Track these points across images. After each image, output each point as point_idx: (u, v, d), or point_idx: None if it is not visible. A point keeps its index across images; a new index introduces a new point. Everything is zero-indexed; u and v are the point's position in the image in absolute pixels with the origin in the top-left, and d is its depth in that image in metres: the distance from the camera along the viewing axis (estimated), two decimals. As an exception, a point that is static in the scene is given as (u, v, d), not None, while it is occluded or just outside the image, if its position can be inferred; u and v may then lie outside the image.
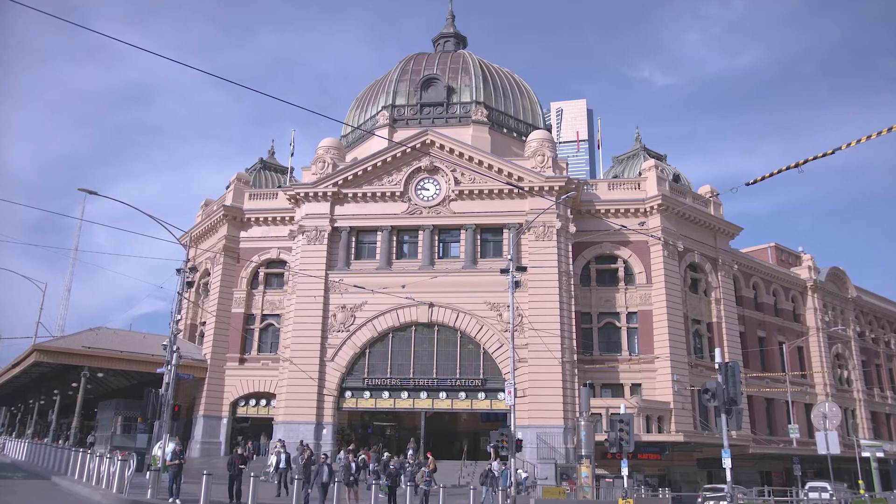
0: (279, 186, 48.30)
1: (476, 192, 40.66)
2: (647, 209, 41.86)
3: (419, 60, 52.38)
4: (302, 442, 34.38)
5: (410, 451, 34.95)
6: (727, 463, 19.95)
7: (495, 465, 29.07)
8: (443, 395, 38.18)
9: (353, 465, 28.02)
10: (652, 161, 44.32)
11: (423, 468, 29.31)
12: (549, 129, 53.48)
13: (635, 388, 39.42)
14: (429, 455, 34.37)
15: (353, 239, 41.69)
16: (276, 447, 31.78)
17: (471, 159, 40.90)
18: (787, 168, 14.86)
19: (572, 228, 39.97)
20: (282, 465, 23.89)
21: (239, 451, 21.97)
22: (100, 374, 41.71)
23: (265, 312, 44.56)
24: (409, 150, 40.78)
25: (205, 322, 46.01)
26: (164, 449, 21.97)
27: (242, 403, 42.96)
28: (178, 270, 28.46)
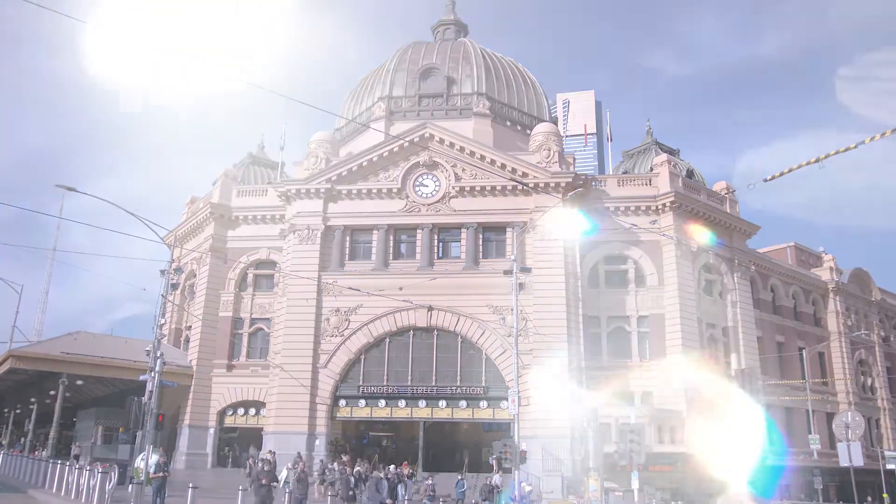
0: (269, 183, 48.27)
1: (478, 188, 40.68)
2: (659, 206, 41.83)
3: (417, 49, 52.40)
4: (299, 454, 34.28)
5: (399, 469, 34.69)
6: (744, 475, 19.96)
7: (496, 477, 29.10)
8: (442, 403, 38.20)
9: (352, 478, 28.09)
10: (664, 156, 44.33)
11: (426, 481, 29.35)
12: (555, 121, 53.49)
13: (646, 395, 39.39)
14: (404, 465, 34.37)
15: (348, 238, 41.71)
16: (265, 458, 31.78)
17: (472, 154, 40.93)
18: (808, 163, 14.90)
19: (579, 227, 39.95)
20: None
21: (266, 469, 21.42)
22: (79, 382, 41.70)
23: (254, 316, 44.48)
24: (406, 144, 40.79)
25: (190, 326, 46.01)
26: (147, 461, 21.93)
27: (230, 412, 42.93)
28: (163, 272, 28.45)
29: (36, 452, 41.61)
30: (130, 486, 21.92)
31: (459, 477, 30.45)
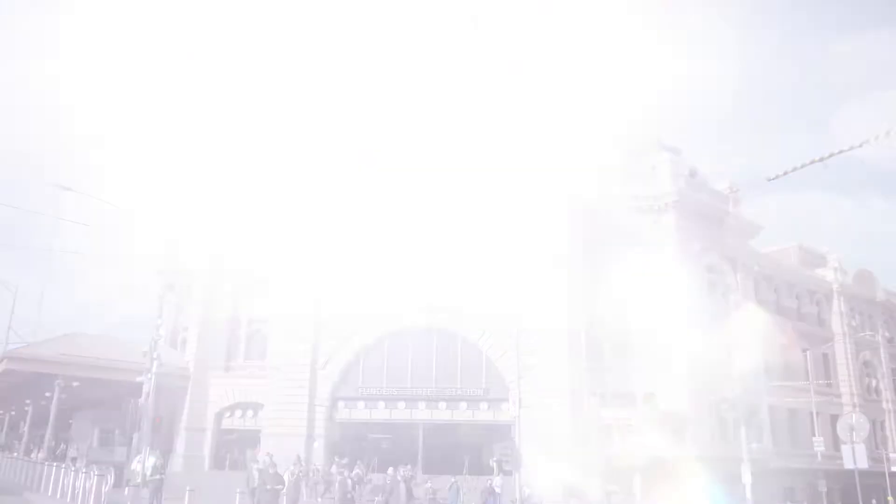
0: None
1: (478, 187, 40.55)
2: (661, 206, 41.73)
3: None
4: (298, 456, 34.26)
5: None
6: (747, 478, 19.95)
7: (497, 480, 29.06)
8: (442, 405, 38.16)
9: (349, 481, 28.08)
10: (666, 155, 44.23)
11: (426, 484, 29.34)
12: (556, 120, 53.37)
13: (649, 396, 39.27)
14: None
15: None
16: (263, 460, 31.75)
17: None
18: (812, 162, 14.88)
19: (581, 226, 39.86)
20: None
21: (271, 472, 20.86)
22: (75, 384, 41.61)
23: (253, 317, 44.40)
24: (406, 143, 40.74)
25: (188, 327, 45.90)
26: (143, 463, 21.91)
27: (228, 414, 42.82)
28: (160, 272, 28.46)
29: (32, 455, 41.53)
30: (127, 488, 21.91)
31: (452, 480, 30.19)
